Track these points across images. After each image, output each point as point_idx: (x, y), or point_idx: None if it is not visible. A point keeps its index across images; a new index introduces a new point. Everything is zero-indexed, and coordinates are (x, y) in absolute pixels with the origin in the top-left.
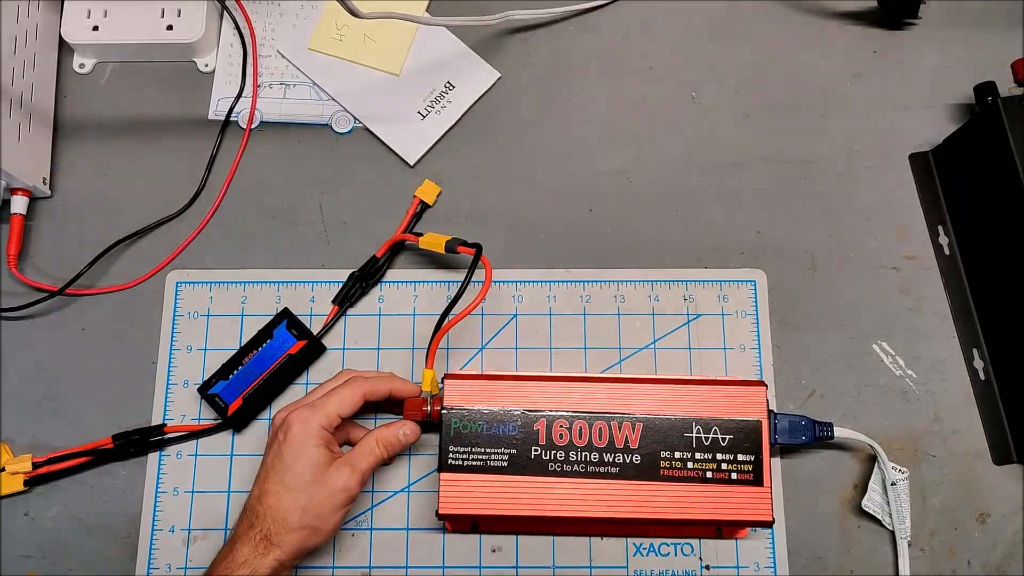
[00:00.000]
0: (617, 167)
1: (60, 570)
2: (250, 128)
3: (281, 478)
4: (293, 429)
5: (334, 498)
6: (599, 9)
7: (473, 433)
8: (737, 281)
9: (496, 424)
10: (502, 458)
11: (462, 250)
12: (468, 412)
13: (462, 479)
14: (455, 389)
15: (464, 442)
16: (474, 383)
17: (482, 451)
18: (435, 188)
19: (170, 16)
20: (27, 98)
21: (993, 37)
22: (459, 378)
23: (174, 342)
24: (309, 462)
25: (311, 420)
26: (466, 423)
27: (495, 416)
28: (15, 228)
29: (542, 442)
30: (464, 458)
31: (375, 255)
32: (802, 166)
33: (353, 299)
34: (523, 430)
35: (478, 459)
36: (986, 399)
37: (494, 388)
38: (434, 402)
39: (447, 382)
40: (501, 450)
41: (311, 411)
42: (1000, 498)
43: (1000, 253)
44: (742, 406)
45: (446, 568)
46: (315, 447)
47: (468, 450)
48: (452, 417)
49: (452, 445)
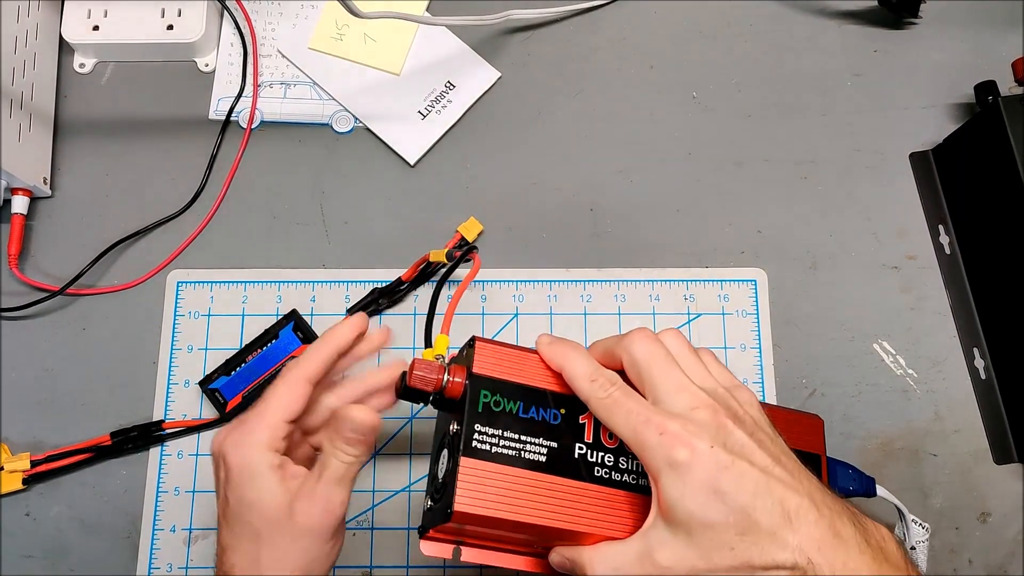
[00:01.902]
0: (617, 167)
1: (61, 570)
2: (250, 128)
3: (238, 531)
4: (229, 460)
5: (312, 535)
6: (599, 9)
7: (507, 413)
8: (737, 281)
9: (535, 407)
10: (540, 451)
11: (458, 255)
12: (503, 385)
13: (487, 469)
14: (488, 355)
15: (494, 423)
16: (511, 352)
17: (516, 438)
18: (478, 226)
19: (170, 16)
20: (27, 98)
21: (993, 37)
22: (492, 343)
23: (175, 342)
24: (263, 502)
25: (249, 442)
26: (498, 399)
27: (534, 396)
28: (15, 228)
29: (588, 439)
30: (493, 443)
31: (400, 278)
32: (802, 166)
33: (369, 314)
34: (567, 420)
35: (510, 447)
36: (987, 398)
37: (534, 363)
38: (452, 370)
39: (478, 344)
40: (539, 440)
41: (245, 431)
42: (1001, 497)
43: (1001, 252)
44: (802, 437)
45: (446, 568)
46: (263, 482)
47: (499, 433)
48: (482, 388)
49: (479, 423)
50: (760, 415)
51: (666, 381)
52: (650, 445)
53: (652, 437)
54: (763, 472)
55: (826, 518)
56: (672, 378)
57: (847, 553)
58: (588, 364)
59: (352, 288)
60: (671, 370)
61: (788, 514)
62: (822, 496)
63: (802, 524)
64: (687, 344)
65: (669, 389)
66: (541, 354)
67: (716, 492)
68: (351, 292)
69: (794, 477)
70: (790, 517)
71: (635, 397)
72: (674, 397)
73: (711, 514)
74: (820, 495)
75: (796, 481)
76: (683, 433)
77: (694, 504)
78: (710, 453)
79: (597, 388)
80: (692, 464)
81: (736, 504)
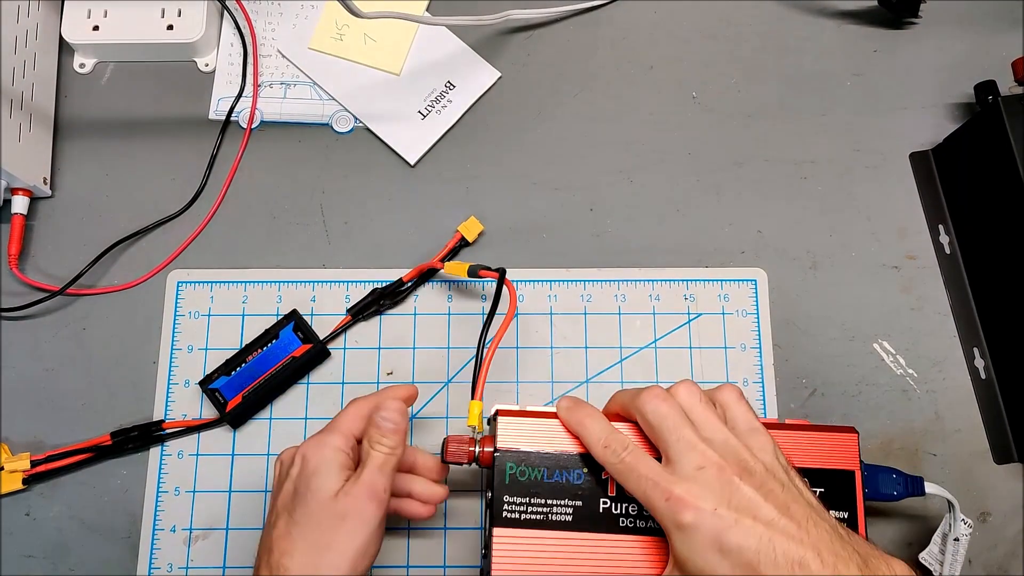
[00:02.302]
0: (617, 167)
1: (61, 570)
2: (250, 128)
3: (297, 517)
4: (309, 456)
5: (352, 532)
6: (599, 9)
7: (532, 480)
8: (738, 280)
9: (558, 471)
10: (566, 511)
11: (484, 274)
12: (526, 455)
13: (519, 536)
14: (510, 428)
15: (521, 491)
16: (532, 421)
17: (543, 502)
18: (478, 226)
19: (170, 16)
20: (27, 98)
21: (993, 36)
22: (514, 415)
23: (175, 342)
24: (323, 488)
25: (327, 443)
26: (524, 468)
27: (557, 461)
28: (16, 228)
29: (612, 493)
30: (522, 511)
31: (402, 279)
32: (802, 166)
33: (369, 314)
34: (589, 478)
35: (538, 512)
36: (987, 398)
37: (555, 428)
38: (482, 442)
39: (501, 420)
40: (565, 501)
41: (324, 436)
42: (1001, 497)
43: (1001, 252)
44: (832, 454)
45: (447, 568)
46: (334, 476)
47: (526, 501)
48: (507, 460)
49: (507, 495)
50: (774, 460)
51: (676, 442)
52: (659, 509)
53: (660, 502)
54: (767, 527)
55: (829, 566)
56: (682, 438)
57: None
58: (602, 430)
59: (352, 288)
60: (680, 430)
61: (792, 565)
62: (829, 543)
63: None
64: (699, 395)
65: (680, 449)
66: (561, 419)
67: (721, 551)
68: (351, 292)
69: (801, 527)
70: (794, 568)
71: (644, 461)
72: (683, 457)
73: (719, 569)
74: (828, 542)
75: (802, 532)
76: (687, 497)
77: (702, 561)
78: (713, 515)
79: (610, 454)
80: (698, 525)
81: (741, 560)
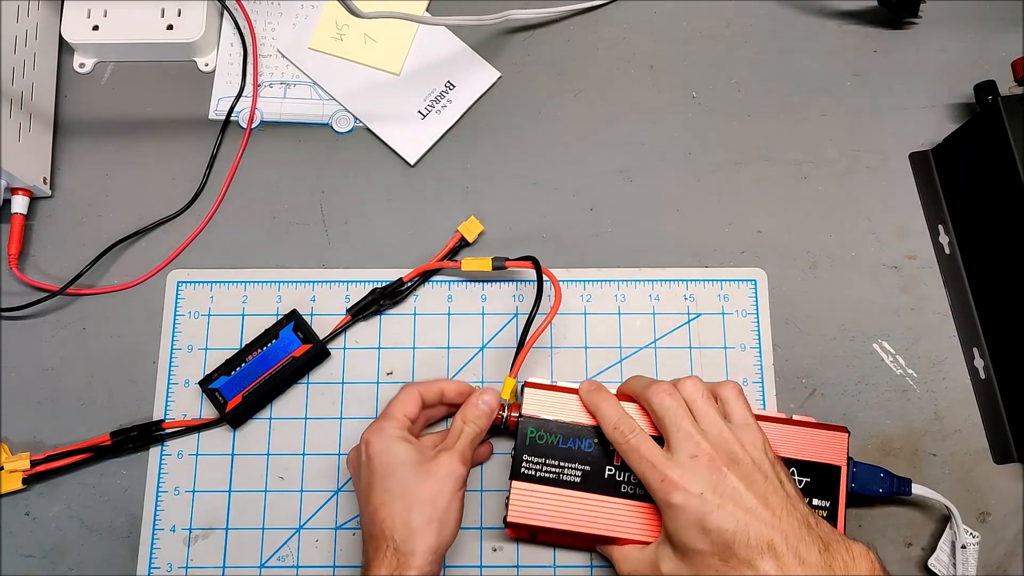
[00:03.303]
0: (617, 167)
1: (61, 570)
2: (250, 128)
3: (385, 489)
4: (372, 442)
5: (444, 485)
6: (599, 9)
7: (548, 445)
8: (737, 280)
9: (572, 438)
10: (575, 473)
11: (511, 264)
12: (545, 422)
13: (533, 489)
14: (535, 398)
15: (538, 452)
16: (554, 395)
17: (556, 464)
18: (478, 226)
19: (170, 16)
20: (27, 98)
21: (993, 36)
22: (539, 388)
23: (175, 342)
24: (403, 462)
25: (384, 427)
26: (542, 434)
27: (572, 430)
28: (15, 228)
29: (617, 463)
30: (537, 469)
31: (402, 278)
32: (802, 166)
33: (369, 315)
34: (599, 448)
35: (551, 471)
36: (986, 398)
37: (573, 403)
38: (510, 408)
39: (527, 390)
40: (575, 465)
41: (378, 421)
42: (1001, 497)
43: (1000, 252)
44: (822, 450)
45: (447, 567)
46: (401, 447)
47: (542, 461)
48: (529, 425)
49: (527, 454)
50: (761, 454)
51: (676, 432)
52: (654, 488)
53: (656, 482)
54: (745, 512)
55: (792, 549)
56: (681, 429)
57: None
58: (615, 414)
59: (352, 288)
60: (681, 421)
61: (762, 547)
62: (797, 530)
63: (773, 555)
64: (702, 390)
65: (679, 439)
66: (580, 398)
67: (703, 530)
68: (351, 292)
69: (775, 515)
70: (763, 550)
71: (647, 444)
72: (681, 445)
73: (699, 544)
74: (796, 529)
75: (775, 519)
76: (679, 481)
77: (685, 537)
78: (699, 499)
79: (619, 435)
80: (684, 506)
81: (719, 539)
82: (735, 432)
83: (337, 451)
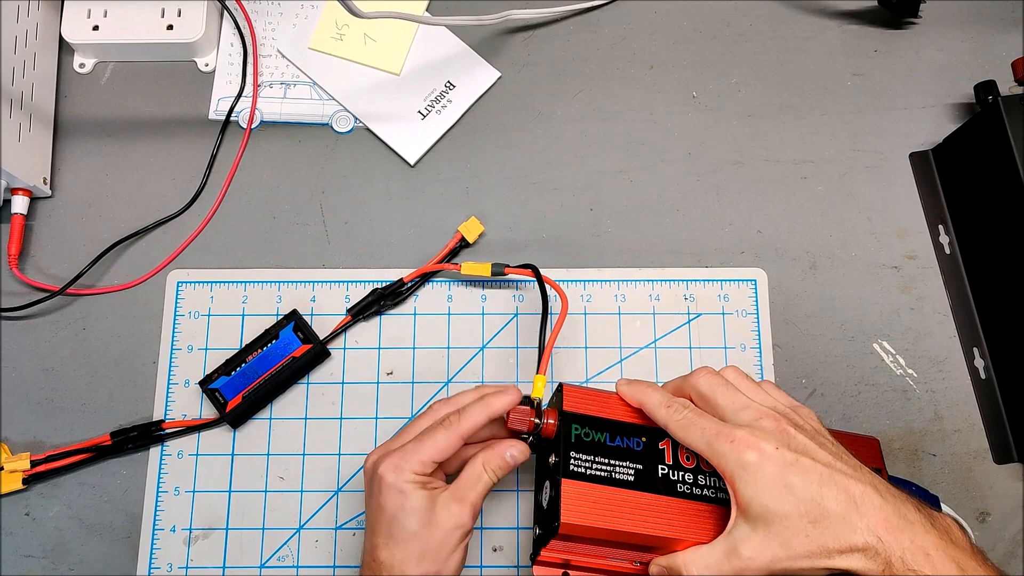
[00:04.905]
0: (617, 167)
1: (61, 570)
2: (250, 128)
3: (387, 531)
4: (386, 480)
5: (448, 538)
6: (599, 9)
7: (596, 442)
8: (737, 280)
9: (619, 436)
10: (628, 472)
11: (510, 271)
12: (590, 420)
13: (585, 488)
14: (575, 396)
15: (586, 450)
16: (593, 393)
17: (606, 462)
18: (479, 227)
19: (170, 16)
20: (27, 98)
21: (993, 36)
22: (577, 388)
23: (175, 342)
24: (411, 509)
25: (403, 468)
26: (588, 430)
27: (619, 428)
28: (15, 228)
29: (668, 461)
30: (587, 466)
31: (402, 279)
32: (802, 166)
33: (369, 315)
34: (648, 446)
35: (602, 469)
36: (987, 398)
37: (615, 402)
38: (546, 414)
39: (566, 389)
40: (626, 463)
41: (402, 458)
42: (1001, 497)
43: (1001, 252)
44: (860, 457)
45: None
46: (416, 495)
47: (591, 458)
48: (572, 423)
49: (574, 451)
50: (820, 426)
51: (731, 403)
52: (723, 452)
53: (724, 445)
54: (826, 466)
55: (890, 503)
56: (736, 399)
57: (913, 533)
58: (662, 395)
59: (352, 288)
60: (734, 394)
61: (854, 500)
62: (885, 486)
63: (868, 508)
64: (746, 375)
65: (735, 408)
66: (620, 394)
67: (786, 486)
68: (351, 292)
69: (856, 470)
70: (856, 503)
71: (706, 416)
72: (739, 414)
73: (784, 506)
74: (883, 485)
75: (859, 472)
76: (751, 438)
77: (767, 499)
78: (776, 453)
79: (672, 412)
80: (762, 463)
81: (805, 495)
82: (789, 408)
83: (337, 451)
